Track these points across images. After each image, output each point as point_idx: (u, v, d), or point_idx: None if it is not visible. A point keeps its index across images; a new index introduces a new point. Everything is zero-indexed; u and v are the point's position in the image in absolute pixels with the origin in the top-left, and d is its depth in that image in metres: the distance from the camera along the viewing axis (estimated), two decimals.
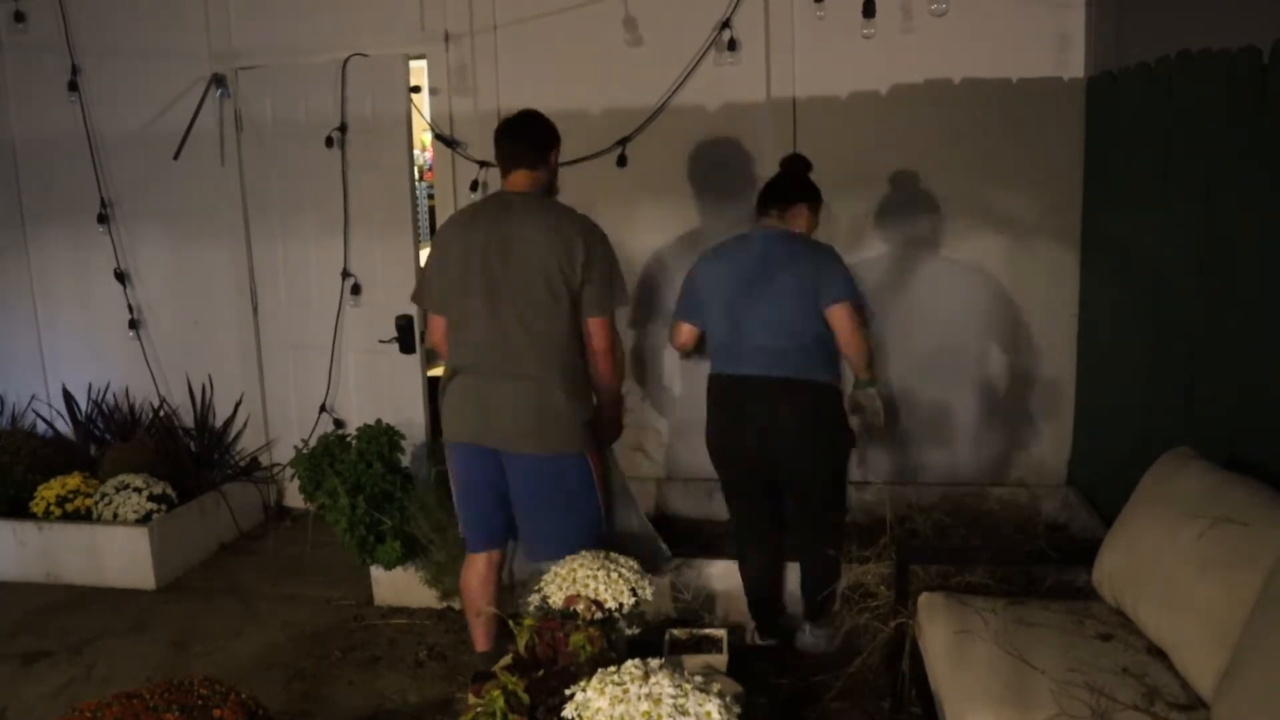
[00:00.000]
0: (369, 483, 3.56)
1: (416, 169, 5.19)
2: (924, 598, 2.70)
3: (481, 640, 3.05)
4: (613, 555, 2.57)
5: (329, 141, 4.35)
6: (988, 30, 3.81)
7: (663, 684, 1.81)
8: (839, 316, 3.02)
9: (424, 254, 4.78)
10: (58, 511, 4.13)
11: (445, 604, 3.68)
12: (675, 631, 2.72)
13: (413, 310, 4.39)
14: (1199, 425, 2.74)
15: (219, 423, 4.86)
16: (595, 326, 2.86)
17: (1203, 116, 2.73)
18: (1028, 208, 3.91)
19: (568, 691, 1.88)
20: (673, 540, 3.89)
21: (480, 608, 3.01)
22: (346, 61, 4.32)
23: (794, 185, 3.23)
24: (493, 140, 2.92)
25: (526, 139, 2.89)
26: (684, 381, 4.35)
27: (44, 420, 4.98)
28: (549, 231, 2.77)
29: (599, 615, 2.37)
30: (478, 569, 3.03)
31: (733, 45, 3.98)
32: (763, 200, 3.24)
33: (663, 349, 4.33)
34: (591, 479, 2.90)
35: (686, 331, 3.35)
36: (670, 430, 4.39)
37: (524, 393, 2.80)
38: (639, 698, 1.78)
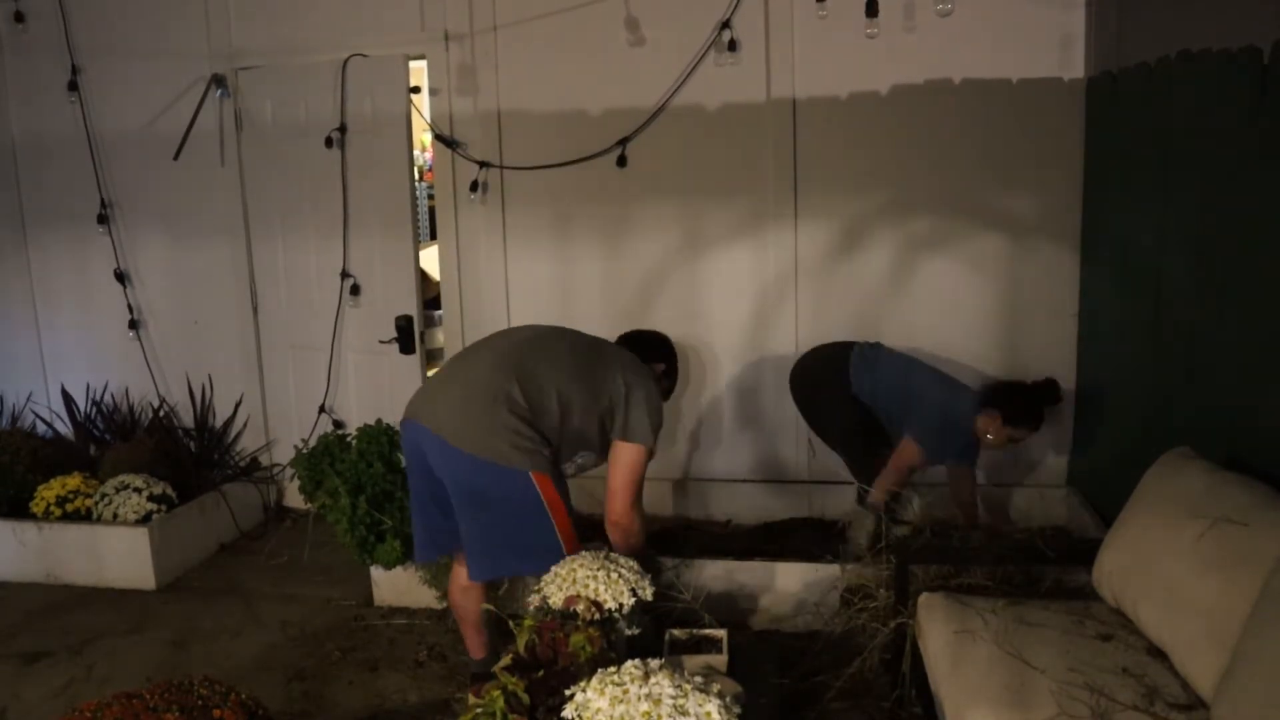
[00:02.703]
0: (369, 482, 3.55)
1: (416, 169, 5.19)
2: (924, 598, 2.70)
3: (477, 649, 3.03)
4: (612, 555, 2.57)
5: (329, 141, 4.35)
6: (988, 30, 3.81)
7: (663, 684, 1.81)
8: None
9: (424, 254, 4.82)
10: (58, 511, 4.13)
11: (445, 604, 3.67)
12: (675, 631, 2.72)
13: (412, 310, 4.39)
14: (1199, 425, 2.74)
15: (219, 423, 4.86)
16: (626, 451, 2.85)
17: (1203, 116, 2.73)
18: (1028, 208, 3.91)
19: (568, 692, 1.88)
20: (673, 540, 3.91)
21: (470, 618, 2.98)
22: (346, 61, 4.32)
23: None
24: None
25: (638, 345, 3.15)
26: (687, 383, 4.35)
27: (43, 421, 4.98)
28: (612, 357, 2.96)
29: (599, 615, 2.37)
30: (459, 580, 3.01)
31: (733, 45, 3.98)
32: None
33: None
34: (540, 499, 2.72)
35: None
36: (676, 431, 4.39)
37: (471, 390, 2.76)
38: (639, 698, 1.78)
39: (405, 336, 4.36)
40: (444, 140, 4.38)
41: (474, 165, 4.31)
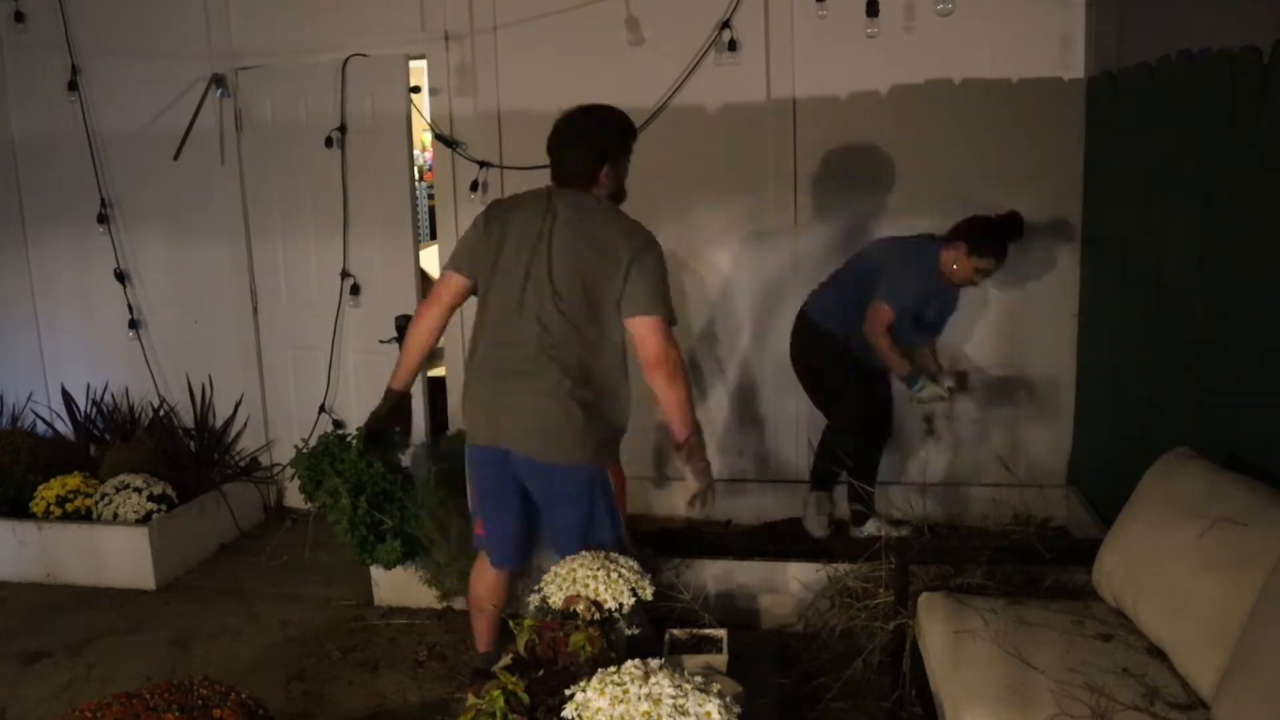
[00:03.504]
0: (370, 482, 3.56)
1: (416, 169, 5.19)
2: (924, 598, 2.69)
3: (483, 640, 3.01)
4: (612, 555, 2.57)
5: (329, 141, 4.36)
6: (988, 30, 3.81)
7: (663, 684, 1.81)
8: None
9: (424, 254, 4.82)
10: (58, 511, 4.13)
11: (445, 604, 3.68)
12: (675, 631, 2.72)
13: (412, 310, 4.39)
14: (1199, 425, 2.74)
15: (219, 423, 4.86)
16: (641, 328, 2.57)
17: (1203, 116, 2.73)
18: (1028, 208, 3.90)
19: (568, 691, 1.88)
20: (673, 540, 3.91)
21: (487, 611, 2.95)
22: (346, 61, 4.32)
23: None
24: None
25: (576, 152, 2.67)
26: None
27: (43, 420, 4.98)
28: (597, 235, 2.59)
29: (599, 615, 2.37)
30: (487, 579, 2.95)
31: (733, 45, 3.98)
32: None
33: None
34: (610, 494, 2.73)
35: None
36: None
37: (538, 401, 2.63)
38: (639, 698, 1.78)
39: (405, 336, 4.35)
40: (444, 140, 4.38)
41: (474, 165, 4.31)
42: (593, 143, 2.70)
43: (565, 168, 2.71)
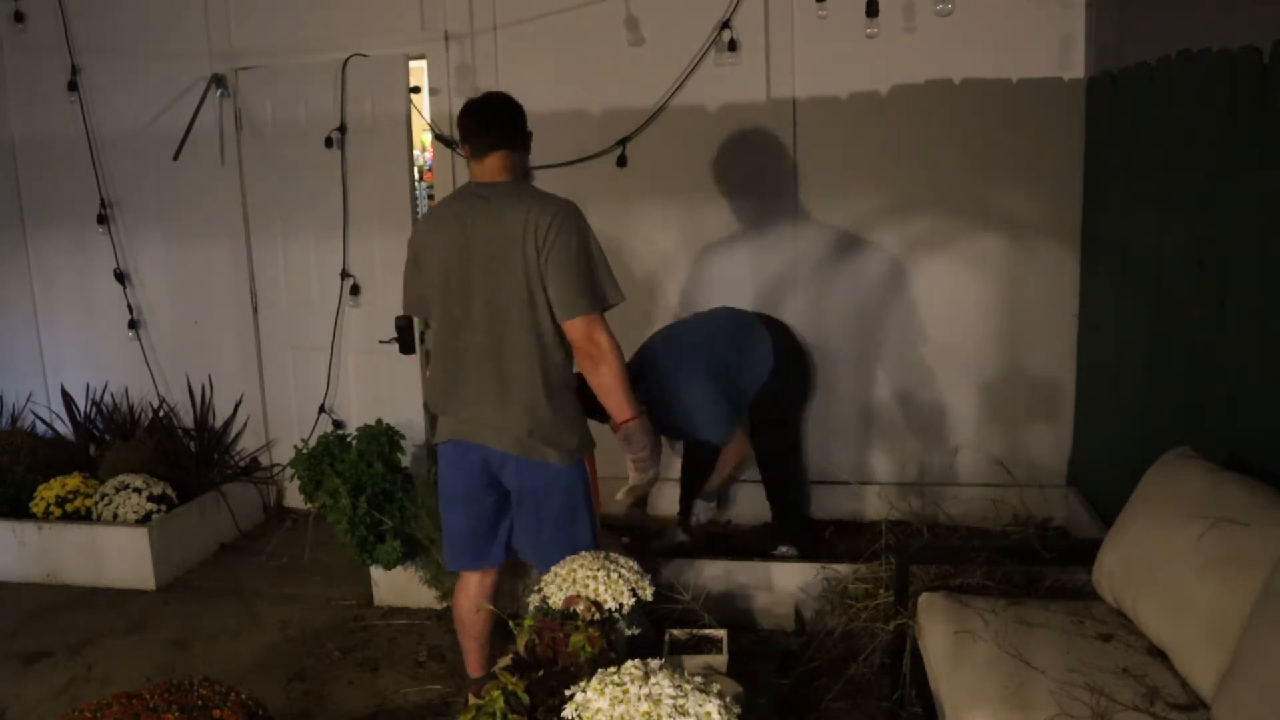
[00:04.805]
0: (370, 483, 3.56)
1: (416, 169, 5.19)
2: (924, 598, 2.70)
3: (475, 666, 2.94)
4: (612, 555, 2.56)
5: (329, 141, 4.35)
6: (988, 30, 3.81)
7: (663, 684, 1.81)
8: None
9: None
10: (58, 511, 4.13)
11: (445, 604, 3.68)
12: (675, 631, 2.72)
13: None
14: (1199, 425, 2.74)
15: (219, 423, 4.86)
16: (567, 329, 2.56)
17: (1203, 116, 2.73)
18: (1028, 208, 3.91)
19: (568, 692, 1.88)
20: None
21: (472, 633, 2.89)
22: (346, 61, 4.32)
23: None
24: (458, 126, 2.69)
25: (504, 115, 2.67)
26: None
27: (43, 421, 4.98)
28: (523, 224, 2.50)
29: (599, 616, 2.37)
30: (468, 591, 2.88)
31: (733, 45, 3.98)
32: None
33: None
34: (588, 493, 2.71)
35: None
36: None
37: (509, 412, 2.61)
38: (639, 698, 1.78)
39: (405, 336, 4.34)
40: (444, 140, 4.38)
41: None
42: (517, 113, 2.73)
43: (493, 135, 2.67)
